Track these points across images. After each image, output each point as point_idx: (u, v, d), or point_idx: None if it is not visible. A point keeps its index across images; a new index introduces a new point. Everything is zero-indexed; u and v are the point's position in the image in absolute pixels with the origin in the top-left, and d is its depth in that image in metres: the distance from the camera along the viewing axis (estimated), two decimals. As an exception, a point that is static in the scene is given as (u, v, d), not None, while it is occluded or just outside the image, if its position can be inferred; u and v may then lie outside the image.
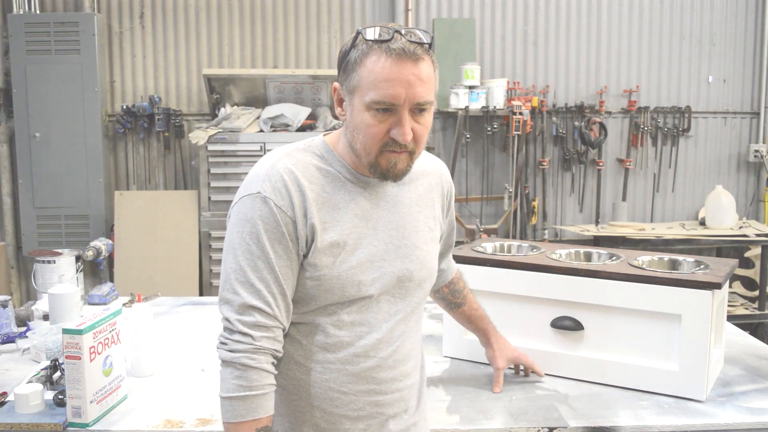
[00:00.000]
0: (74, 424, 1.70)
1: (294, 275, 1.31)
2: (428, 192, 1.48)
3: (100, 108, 4.70)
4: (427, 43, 1.27)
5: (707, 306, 1.82)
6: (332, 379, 1.34)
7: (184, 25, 4.94)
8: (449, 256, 1.79)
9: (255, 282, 1.27)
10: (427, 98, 1.27)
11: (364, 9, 5.03)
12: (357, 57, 1.27)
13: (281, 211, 1.28)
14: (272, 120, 4.53)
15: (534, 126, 5.02)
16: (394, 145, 1.28)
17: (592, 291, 1.96)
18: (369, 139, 1.28)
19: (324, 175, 1.34)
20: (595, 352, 1.98)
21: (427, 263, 1.44)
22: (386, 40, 1.24)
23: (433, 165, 1.53)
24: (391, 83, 1.24)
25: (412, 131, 1.28)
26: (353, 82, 1.28)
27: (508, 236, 5.04)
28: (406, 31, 1.27)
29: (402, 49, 1.24)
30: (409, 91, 1.24)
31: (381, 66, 1.24)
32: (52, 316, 2.27)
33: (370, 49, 1.26)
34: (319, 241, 1.30)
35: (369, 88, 1.25)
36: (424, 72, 1.26)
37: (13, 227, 4.87)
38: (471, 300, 1.87)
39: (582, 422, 1.75)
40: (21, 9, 4.64)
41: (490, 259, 2.11)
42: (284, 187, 1.29)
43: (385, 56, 1.24)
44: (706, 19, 5.30)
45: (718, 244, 4.87)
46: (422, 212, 1.45)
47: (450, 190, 1.57)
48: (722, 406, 1.83)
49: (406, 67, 1.24)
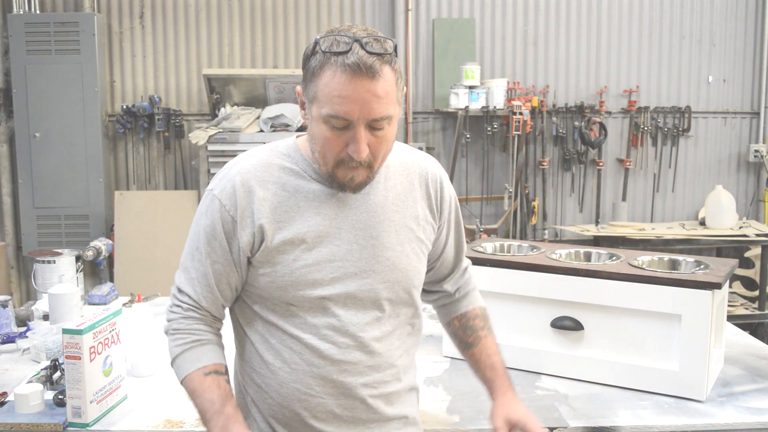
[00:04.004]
0: (74, 424, 1.70)
1: (230, 272, 1.36)
2: (408, 191, 1.43)
3: (100, 108, 4.70)
4: (388, 53, 1.23)
5: (707, 306, 1.82)
6: (299, 380, 1.34)
7: (184, 25, 4.94)
8: (458, 277, 1.62)
9: (190, 270, 1.39)
10: (384, 113, 1.24)
11: (364, 9, 5.03)
12: (315, 67, 1.25)
13: (224, 210, 1.34)
14: (272, 120, 4.53)
15: (534, 126, 5.02)
16: (351, 161, 1.27)
17: (592, 291, 1.96)
18: (326, 151, 1.28)
19: (287, 174, 1.35)
20: (595, 352, 1.98)
21: (400, 265, 1.38)
22: (342, 53, 1.21)
23: (416, 162, 1.47)
24: (345, 100, 1.21)
25: (369, 146, 1.26)
26: (311, 92, 1.26)
27: (508, 236, 5.04)
28: (367, 41, 1.22)
29: (357, 64, 1.20)
30: (363, 108, 1.22)
31: (336, 81, 1.21)
32: (52, 316, 2.27)
33: (326, 61, 1.22)
34: (270, 241, 1.32)
35: (325, 102, 1.23)
36: (381, 88, 1.22)
37: (13, 227, 4.87)
38: (486, 345, 1.57)
39: (582, 422, 1.75)
40: (21, 9, 4.64)
41: (490, 259, 2.11)
42: (233, 188, 1.34)
43: (340, 72, 1.21)
44: (706, 19, 5.30)
45: (718, 244, 4.87)
46: (399, 211, 1.40)
47: (440, 189, 1.48)
48: (722, 406, 1.83)
49: (361, 84, 1.20)
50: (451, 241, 1.56)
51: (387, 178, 1.41)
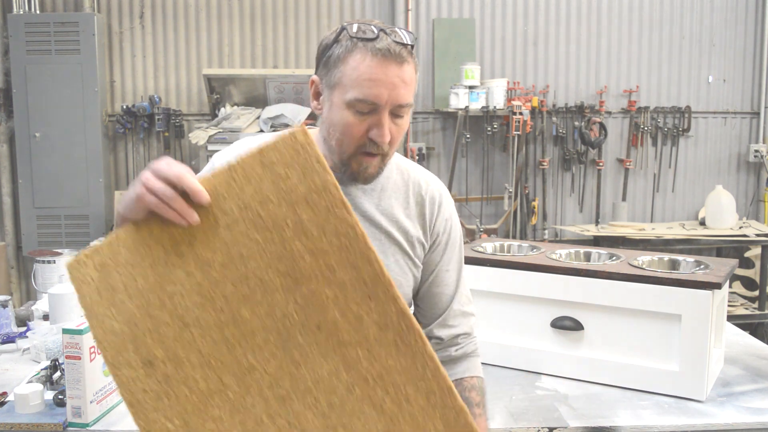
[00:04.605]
0: (74, 424, 1.70)
1: None
2: (403, 205, 1.40)
3: (100, 108, 4.70)
4: (411, 44, 1.26)
5: (707, 306, 1.82)
6: None
7: (184, 25, 4.94)
8: (455, 324, 1.46)
9: None
10: (408, 100, 1.27)
11: (364, 9, 5.03)
12: (341, 53, 1.25)
13: None
14: (272, 120, 4.53)
15: (534, 126, 5.02)
16: (371, 146, 1.27)
17: (592, 291, 1.96)
18: (347, 137, 1.27)
19: None
20: (595, 352, 1.98)
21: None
22: (372, 39, 1.23)
23: (417, 179, 1.44)
24: (375, 83, 1.22)
25: (390, 133, 1.27)
26: (335, 78, 1.26)
27: (508, 236, 5.04)
28: (391, 31, 1.25)
29: (387, 49, 1.22)
30: (392, 93, 1.23)
31: (366, 65, 1.23)
32: (52, 316, 2.27)
33: (354, 46, 1.24)
34: None
35: (351, 86, 1.24)
36: (408, 74, 1.25)
37: (13, 227, 4.87)
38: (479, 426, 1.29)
39: (582, 422, 1.75)
40: (21, 9, 4.64)
41: (490, 259, 2.11)
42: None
43: (370, 55, 1.23)
44: (706, 19, 5.30)
45: (718, 244, 4.87)
46: (389, 222, 1.38)
47: (437, 209, 1.43)
48: (722, 406, 1.83)
49: (391, 68, 1.23)
50: (447, 266, 1.46)
51: (383, 188, 1.40)
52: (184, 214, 0.99)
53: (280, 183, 1.01)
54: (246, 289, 1.01)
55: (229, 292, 1.01)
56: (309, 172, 1.02)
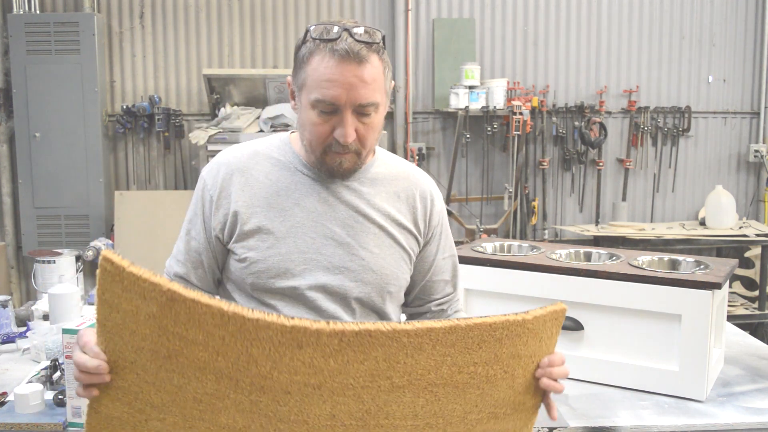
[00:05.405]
0: (74, 424, 1.70)
1: (208, 249, 1.41)
2: (393, 199, 1.42)
3: (100, 108, 4.70)
4: (376, 42, 1.27)
5: (707, 306, 1.82)
6: None
7: (184, 25, 4.94)
8: (448, 305, 1.55)
9: (179, 243, 1.47)
10: (371, 100, 1.27)
11: (364, 9, 5.03)
12: (305, 54, 1.29)
13: (206, 190, 1.41)
14: (272, 120, 4.53)
15: (534, 126, 5.02)
16: (338, 146, 1.30)
17: (592, 291, 1.96)
18: (314, 137, 1.31)
19: (273, 164, 1.40)
20: (595, 352, 1.98)
21: (375, 267, 1.37)
22: (332, 39, 1.25)
23: (408, 175, 1.47)
24: (333, 84, 1.25)
25: (356, 132, 1.29)
26: (300, 79, 1.30)
27: (508, 236, 5.04)
28: (356, 30, 1.26)
29: (345, 50, 1.24)
30: (350, 93, 1.25)
31: (324, 66, 1.25)
32: (52, 316, 2.27)
33: (316, 48, 1.27)
34: (243, 226, 1.35)
35: (313, 87, 1.27)
36: (368, 74, 1.26)
37: (13, 227, 4.87)
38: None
39: (582, 422, 1.75)
40: (21, 9, 4.64)
41: (490, 259, 2.11)
42: (217, 170, 1.41)
43: (329, 56, 1.25)
44: (706, 19, 5.30)
45: (718, 244, 4.87)
46: (382, 216, 1.40)
47: (430, 205, 1.46)
48: (722, 406, 1.83)
49: (348, 69, 1.24)
50: (442, 260, 1.50)
51: (374, 183, 1.42)
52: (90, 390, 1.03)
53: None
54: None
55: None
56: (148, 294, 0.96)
